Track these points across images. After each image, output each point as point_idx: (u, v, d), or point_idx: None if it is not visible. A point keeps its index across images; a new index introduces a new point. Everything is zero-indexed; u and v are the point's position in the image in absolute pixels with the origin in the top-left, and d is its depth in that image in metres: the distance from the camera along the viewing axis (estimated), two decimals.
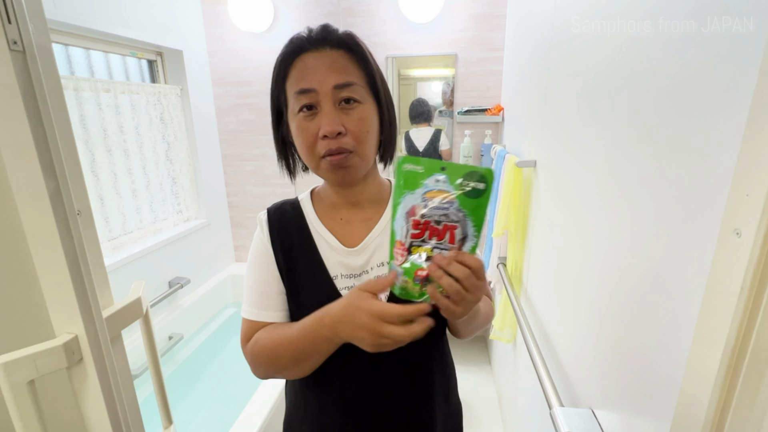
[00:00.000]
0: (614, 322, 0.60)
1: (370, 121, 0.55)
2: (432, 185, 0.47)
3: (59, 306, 0.45)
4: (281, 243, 0.62)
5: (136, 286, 0.59)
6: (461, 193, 0.47)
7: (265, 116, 2.25)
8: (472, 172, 0.46)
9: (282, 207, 0.66)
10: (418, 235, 0.48)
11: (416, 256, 0.48)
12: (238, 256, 2.57)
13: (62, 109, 0.45)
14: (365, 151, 0.56)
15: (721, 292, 0.37)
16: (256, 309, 0.60)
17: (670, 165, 0.47)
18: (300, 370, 0.56)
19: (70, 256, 0.44)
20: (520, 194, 1.25)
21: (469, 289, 0.45)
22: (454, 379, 0.72)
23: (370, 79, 0.56)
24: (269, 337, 0.57)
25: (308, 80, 0.53)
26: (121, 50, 1.80)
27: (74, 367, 0.47)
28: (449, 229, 0.47)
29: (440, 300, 0.46)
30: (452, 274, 0.45)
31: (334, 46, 0.54)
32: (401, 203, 0.48)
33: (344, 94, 0.53)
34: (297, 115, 0.54)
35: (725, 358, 0.36)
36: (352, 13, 2.03)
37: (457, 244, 0.47)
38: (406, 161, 0.48)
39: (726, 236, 0.37)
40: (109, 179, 1.68)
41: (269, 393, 1.43)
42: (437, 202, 0.47)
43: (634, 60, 0.56)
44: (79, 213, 0.47)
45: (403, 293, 0.50)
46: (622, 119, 0.59)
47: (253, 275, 0.62)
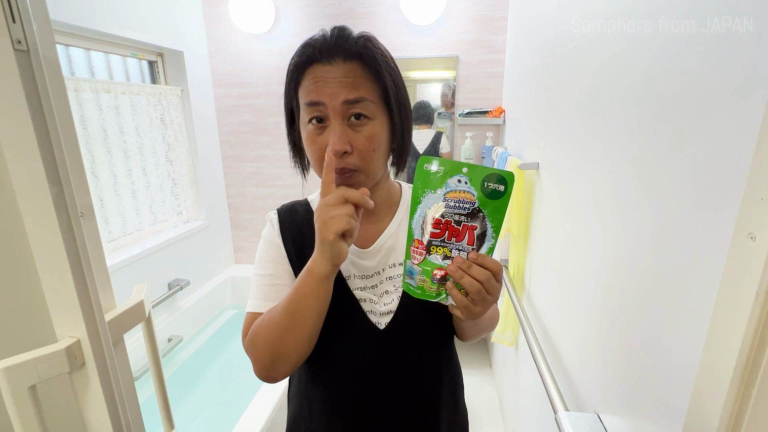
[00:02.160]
0: (620, 325, 0.60)
1: (378, 138, 0.54)
2: (454, 185, 0.47)
3: (61, 309, 0.44)
4: (293, 240, 0.61)
5: (139, 289, 0.58)
6: (482, 194, 0.47)
7: (266, 117, 2.25)
8: (492, 174, 0.47)
9: (293, 208, 0.65)
10: (438, 234, 0.48)
11: (434, 255, 0.48)
12: (238, 258, 2.56)
13: (66, 110, 0.45)
14: (371, 168, 0.55)
15: (734, 298, 0.36)
16: (262, 300, 0.58)
17: (678, 166, 0.46)
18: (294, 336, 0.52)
19: (73, 258, 0.43)
20: (522, 197, 1.25)
21: (489, 291, 0.46)
22: (462, 384, 0.71)
23: (383, 92, 0.54)
24: (267, 313, 0.56)
25: (318, 93, 0.52)
26: (122, 51, 1.79)
27: (76, 372, 0.46)
28: (468, 229, 0.47)
29: (460, 298, 0.47)
30: (474, 276, 0.45)
31: (348, 57, 0.52)
32: (422, 202, 0.48)
33: (354, 111, 0.52)
34: (307, 126, 0.54)
35: (740, 365, 0.35)
36: (354, 14, 2.03)
37: (476, 245, 0.48)
38: (426, 161, 0.48)
39: (740, 240, 0.36)
40: (109, 180, 1.67)
41: (270, 396, 1.42)
42: (458, 203, 0.47)
43: (640, 59, 0.56)
44: (82, 215, 0.46)
45: (420, 293, 0.49)
46: (630, 119, 0.59)
47: (261, 270, 0.61)
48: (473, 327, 0.61)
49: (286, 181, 2.33)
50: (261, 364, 0.54)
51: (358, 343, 0.59)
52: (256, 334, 0.55)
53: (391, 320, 0.59)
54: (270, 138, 2.29)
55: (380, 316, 0.60)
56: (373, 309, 0.59)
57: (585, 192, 0.76)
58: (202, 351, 2.01)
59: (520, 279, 1.30)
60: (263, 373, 0.55)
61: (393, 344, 0.59)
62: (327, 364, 0.60)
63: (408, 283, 0.50)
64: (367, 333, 0.59)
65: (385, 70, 0.54)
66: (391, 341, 0.59)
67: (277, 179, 2.34)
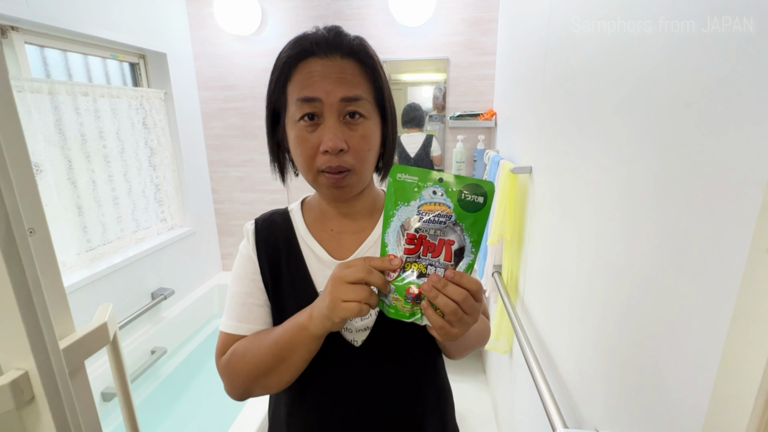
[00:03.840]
0: (621, 336, 0.57)
1: (372, 138, 0.52)
2: (428, 198, 0.44)
3: (6, 339, 0.39)
4: (267, 255, 0.59)
5: (102, 309, 0.53)
6: (459, 206, 0.43)
7: (253, 121, 2.20)
8: (470, 184, 0.43)
9: (271, 218, 0.62)
10: (412, 250, 0.44)
11: (409, 272, 0.44)
12: (226, 265, 2.49)
13: (11, 113, 0.40)
14: (364, 169, 0.53)
15: (752, 315, 0.33)
16: (235, 321, 0.57)
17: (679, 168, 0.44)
18: (279, 375, 0.51)
19: (18, 281, 0.38)
20: (515, 201, 1.22)
21: (467, 311, 0.42)
22: (451, 404, 0.67)
23: (378, 93, 0.53)
24: (248, 341, 0.54)
25: (314, 88, 0.49)
26: (101, 52, 1.73)
27: (25, 408, 0.41)
28: (445, 244, 0.44)
29: (435, 319, 0.43)
30: (449, 295, 0.41)
31: (345, 54, 0.50)
32: (395, 215, 0.45)
33: (350, 108, 0.50)
34: (297, 124, 0.51)
35: (763, 391, 0.32)
36: (342, 16, 2.00)
37: (453, 261, 0.44)
38: (399, 170, 0.44)
39: (757, 255, 0.33)
40: (87, 187, 1.60)
41: (257, 410, 1.36)
42: (433, 216, 0.43)
43: (636, 61, 0.53)
44: (31, 232, 0.42)
45: (394, 312, 0.46)
46: (624, 122, 0.56)
47: (235, 286, 0.59)
48: (458, 345, 0.58)
49: (274, 186, 2.28)
50: (236, 390, 0.54)
51: (333, 362, 0.56)
52: (235, 365, 0.53)
53: (367, 337, 0.56)
54: (257, 142, 2.23)
55: (356, 333, 0.56)
56: (349, 326, 0.56)
57: (580, 196, 0.73)
58: (187, 363, 1.94)
59: (514, 285, 1.27)
60: (235, 397, 0.55)
61: (370, 362, 0.56)
62: (303, 383, 0.56)
63: (382, 300, 0.46)
64: (342, 351, 0.56)
65: (380, 70, 0.53)
66: (367, 359, 0.56)
67: (265, 184, 2.28)
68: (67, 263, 1.52)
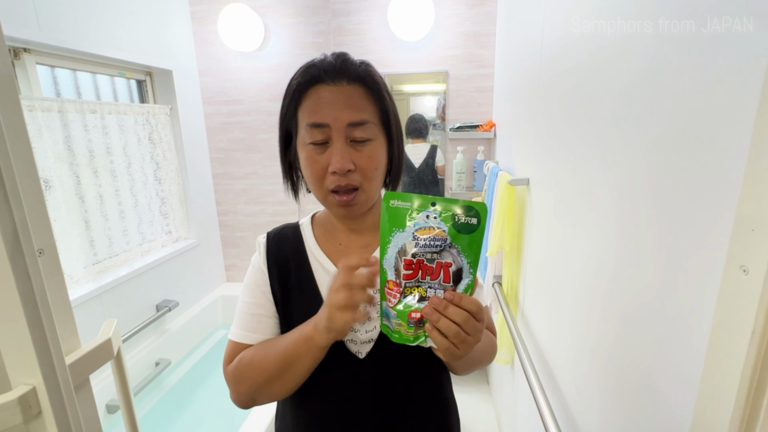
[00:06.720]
0: (616, 349, 0.57)
1: (378, 158, 0.55)
2: (423, 222, 0.45)
3: (15, 356, 0.41)
4: (278, 269, 0.61)
5: (107, 325, 0.55)
6: (454, 229, 0.44)
7: (256, 134, 2.24)
8: (464, 206, 0.44)
9: (282, 231, 0.65)
10: (411, 275, 0.45)
11: (410, 297, 0.45)
12: (230, 276, 2.51)
13: (22, 136, 0.42)
14: (372, 188, 0.56)
15: (728, 334, 0.34)
16: (243, 330, 0.59)
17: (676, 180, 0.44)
18: (283, 383, 0.53)
19: (28, 301, 0.40)
20: (513, 212, 1.23)
21: (469, 332, 0.43)
22: (457, 420, 0.67)
23: (384, 115, 0.56)
24: (255, 350, 0.56)
25: (322, 114, 0.52)
26: (109, 71, 1.78)
27: (32, 422, 0.43)
28: (443, 267, 0.45)
29: (440, 341, 0.44)
30: (450, 318, 0.43)
31: (352, 80, 0.53)
32: (391, 242, 0.46)
33: (357, 133, 0.53)
34: (307, 146, 0.54)
35: (738, 409, 0.33)
36: (343, 31, 2.04)
37: (452, 283, 0.45)
38: (392, 197, 0.46)
39: (732, 273, 0.34)
40: (95, 201, 1.64)
41: (261, 421, 1.37)
42: (429, 240, 0.44)
43: (631, 69, 0.54)
44: (40, 252, 0.44)
45: (398, 337, 0.47)
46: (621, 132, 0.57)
47: (246, 297, 0.61)
48: (463, 362, 0.58)
49: (278, 198, 2.31)
50: (242, 398, 0.56)
51: (337, 372, 0.57)
52: (242, 371, 0.55)
53: (371, 349, 0.57)
54: (260, 155, 2.27)
55: (360, 344, 0.57)
56: (354, 337, 0.57)
57: (577, 207, 0.74)
58: (192, 374, 1.95)
59: (514, 295, 1.28)
60: (241, 404, 0.57)
61: (373, 374, 0.57)
62: (307, 393, 0.58)
63: (386, 325, 0.47)
64: (346, 362, 0.57)
65: (385, 93, 0.56)
66: (370, 371, 0.57)
67: (269, 196, 2.31)
68: (74, 276, 1.54)
